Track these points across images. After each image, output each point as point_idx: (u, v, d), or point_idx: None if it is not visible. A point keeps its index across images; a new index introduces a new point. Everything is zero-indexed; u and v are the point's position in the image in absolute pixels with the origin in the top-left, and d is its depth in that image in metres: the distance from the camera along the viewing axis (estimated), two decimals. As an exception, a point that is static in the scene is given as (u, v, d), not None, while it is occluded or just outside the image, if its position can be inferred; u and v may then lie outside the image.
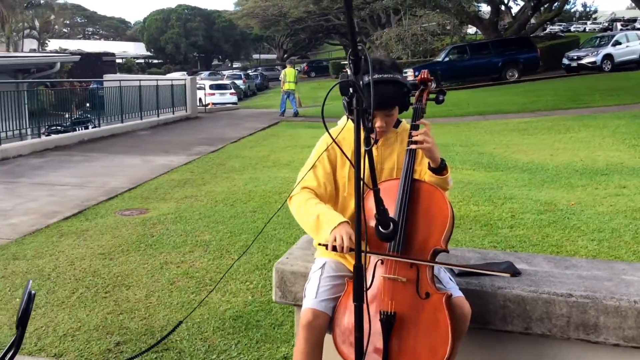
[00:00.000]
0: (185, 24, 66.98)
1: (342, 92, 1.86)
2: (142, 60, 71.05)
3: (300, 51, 74.20)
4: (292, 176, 8.11)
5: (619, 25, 52.98)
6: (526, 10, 31.52)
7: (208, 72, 56.47)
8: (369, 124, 1.84)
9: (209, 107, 25.20)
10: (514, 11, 35.38)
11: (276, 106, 28.12)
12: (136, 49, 76.56)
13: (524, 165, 9.29)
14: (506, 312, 2.57)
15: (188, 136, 14.89)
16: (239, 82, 42.45)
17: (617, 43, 26.86)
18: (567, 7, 58.41)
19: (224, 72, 58.06)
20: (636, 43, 26.97)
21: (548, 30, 45.72)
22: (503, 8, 33.94)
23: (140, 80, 17.13)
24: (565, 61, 27.51)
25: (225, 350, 3.45)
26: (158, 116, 17.30)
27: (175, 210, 6.79)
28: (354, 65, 1.78)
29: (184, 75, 34.86)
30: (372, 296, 2.37)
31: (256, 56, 78.92)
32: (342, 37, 59.47)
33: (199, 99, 27.10)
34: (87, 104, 18.27)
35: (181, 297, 4.21)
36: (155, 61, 71.03)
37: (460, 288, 2.56)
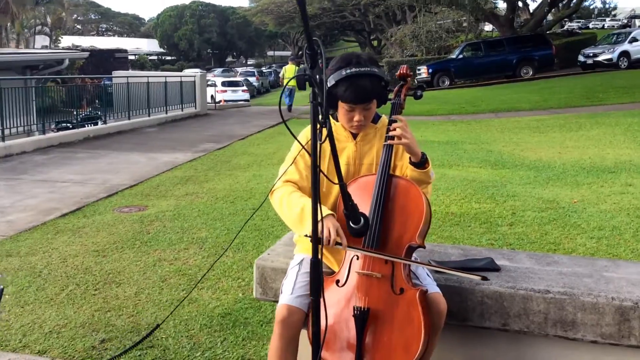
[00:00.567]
0: (199, 21, 67.32)
1: (299, 87, 1.86)
2: (156, 57, 71.42)
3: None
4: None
5: (638, 22, 52.44)
6: (543, 7, 31.29)
7: (221, 69, 56.67)
8: (324, 119, 1.84)
9: (221, 104, 25.30)
10: (532, 8, 35.17)
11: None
12: (149, 46, 76.93)
13: (531, 163, 9.24)
14: (484, 309, 2.57)
15: (196, 133, 14.96)
16: (252, 79, 42.53)
17: (634, 40, 26.61)
18: (586, 4, 57.86)
19: (238, 69, 58.24)
20: (654, 40, 26.72)
21: (566, 27, 45.37)
22: (520, 5, 33.73)
23: (148, 77, 17.22)
24: (581, 58, 27.29)
25: (210, 347, 3.47)
26: (166, 113, 17.39)
27: (174, 207, 6.83)
28: (311, 59, 1.78)
29: (199, 72, 35.02)
30: (347, 292, 2.38)
31: (270, 53, 79.14)
32: (358, 34, 59.40)
33: (211, 96, 27.23)
34: (97, 101, 18.43)
35: (171, 295, 4.24)
36: (168, 58, 71.38)
37: (438, 284, 2.55)
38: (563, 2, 32.46)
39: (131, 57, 57.67)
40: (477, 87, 25.62)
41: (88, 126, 15.26)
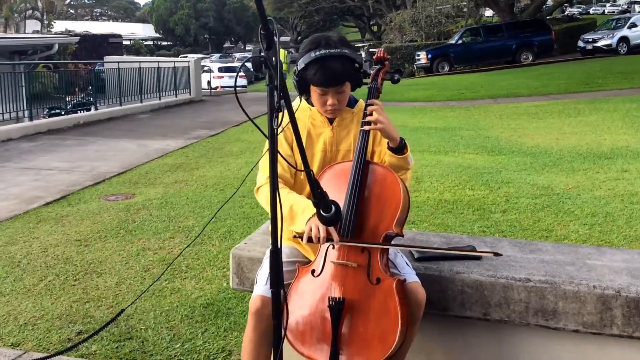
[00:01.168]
0: (195, 5, 66.86)
1: (255, 69, 1.81)
2: (151, 42, 71.08)
3: (313, 33, 73.67)
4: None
5: (638, 7, 52.22)
6: (543, -10, 31.11)
7: (219, 55, 56.32)
8: (278, 104, 1.80)
9: (217, 90, 25.20)
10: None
11: (289, 89, 28.07)
12: (145, 31, 76.57)
13: (528, 149, 9.20)
14: (464, 298, 2.54)
15: (189, 120, 14.89)
16: (249, 65, 42.27)
17: (634, 25, 26.52)
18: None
19: (236, 55, 57.91)
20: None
21: (566, 12, 45.15)
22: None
23: (140, 62, 17.13)
24: (580, 44, 27.20)
25: (190, 339, 3.44)
26: (159, 99, 17.31)
27: (162, 195, 6.79)
28: (266, 40, 1.73)
29: (200, 57, 34.86)
30: (323, 282, 2.34)
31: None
32: (358, 19, 59.08)
33: (208, 82, 27.14)
34: (89, 87, 18.35)
35: (154, 285, 4.20)
36: (164, 43, 71.03)
37: (418, 273, 2.52)
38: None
39: (126, 43, 57.38)
40: (477, 73, 25.52)
41: (80, 112, 15.21)
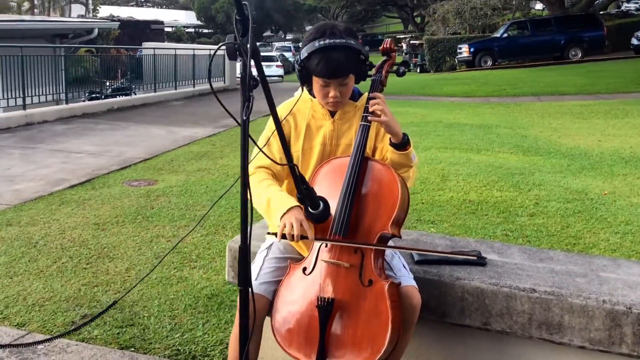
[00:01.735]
0: (237, -7, 66.97)
1: (230, 57, 1.75)
2: (193, 29, 71.71)
3: (356, 24, 73.30)
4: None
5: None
6: (597, -16, 30.29)
7: (258, 44, 56.35)
8: (248, 94, 1.74)
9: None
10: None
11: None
12: (187, 18, 77.30)
13: (567, 150, 8.96)
14: (464, 305, 2.45)
15: (220, 108, 14.92)
16: (288, 55, 42.31)
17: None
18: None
19: (275, 44, 58.02)
20: None
21: (622, 8, 43.90)
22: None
23: (176, 49, 17.27)
24: (634, 41, 26.32)
25: (191, 329, 3.43)
26: (194, 86, 17.44)
27: (183, 182, 6.82)
28: (241, 25, 1.68)
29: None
30: (313, 281, 2.28)
31: (309, 28, 78.69)
32: (401, 10, 58.55)
33: (243, 70, 27.09)
34: (128, 73, 18.62)
35: (162, 272, 4.21)
36: (205, 31, 71.59)
37: (417, 277, 2.45)
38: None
39: (168, 29, 58.03)
40: (521, 69, 25.00)
41: (118, 97, 15.43)
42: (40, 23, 18.93)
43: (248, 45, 1.69)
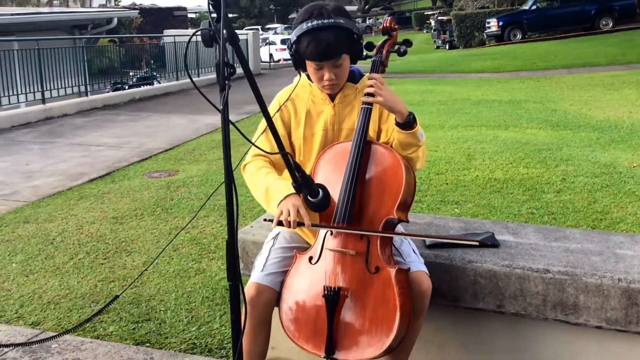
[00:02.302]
0: (261, -25, 67.01)
1: (205, 44, 1.74)
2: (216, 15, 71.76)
3: (383, 2, 72.72)
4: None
5: None
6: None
7: (284, 26, 56.35)
8: (223, 82, 1.72)
9: (279, 63, 25.33)
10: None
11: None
12: (211, 3, 77.36)
13: (597, 123, 8.79)
14: (477, 288, 2.43)
15: (244, 94, 14.84)
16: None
17: None
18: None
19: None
20: None
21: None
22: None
23: (197, 35, 17.25)
24: (669, 7, 25.66)
25: (208, 322, 3.46)
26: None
27: (204, 172, 6.85)
28: (216, 10, 1.66)
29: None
30: (320, 270, 2.28)
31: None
32: (427, -15, 57.81)
33: (270, 55, 27.22)
34: (152, 62, 18.75)
35: (180, 265, 4.25)
36: (229, 15, 71.56)
37: (428, 261, 2.43)
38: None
39: (191, 15, 58.22)
40: (551, 41, 24.53)
41: (142, 87, 15.56)
42: (58, 15, 19.13)
43: (224, 31, 1.66)
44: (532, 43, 24.58)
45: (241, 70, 1.95)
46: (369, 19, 66.09)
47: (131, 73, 17.32)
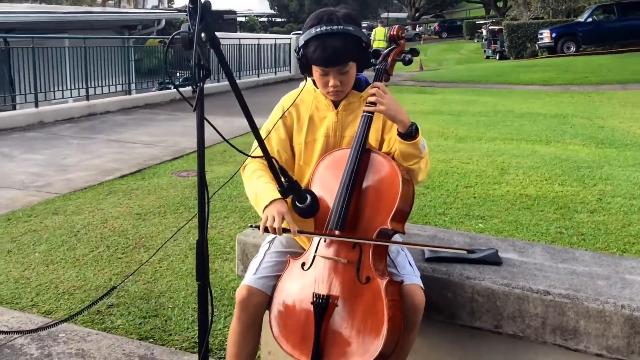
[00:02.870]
0: (310, -19, 67.37)
1: (185, 47, 1.74)
2: (266, 18, 72.54)
3: (434, 9, 72.29)
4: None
5: None
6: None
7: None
8: (195, 86, 1.73)
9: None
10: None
11: (395, 69, 27.81)
12: (261, 7, 78.36)
13: (644, 142, 8.56)
14: (474, 306, 2.38)
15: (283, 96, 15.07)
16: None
17: None
18: None
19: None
20: None
21: None
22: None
23: (240, 38, 17.52)
24: None
25: (213, 322, 3.46)
26: (258, 76, 17.67)
27: (231, 173, 6.86)
28: (196, 13, 1.67)
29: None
30: (311, 277, 2.27)
31: (384, 15, 78.02)
32: (483, -6, 57.23)
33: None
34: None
35: (193, 264, 4.19)
36: (278, 20, 72.24)
37: (425, 275, 2.40)
38: None
39: (241, 19, 58.98)
40: (607, 55, 23.99)
41: (185, 88, 15.80)
42: (108, 15, 19.59)
43: (211, 34, 1.67)
44: (586, 56, 24.08)
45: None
46: (419, 27, 65.75)
47: (178, 74, 17.61)
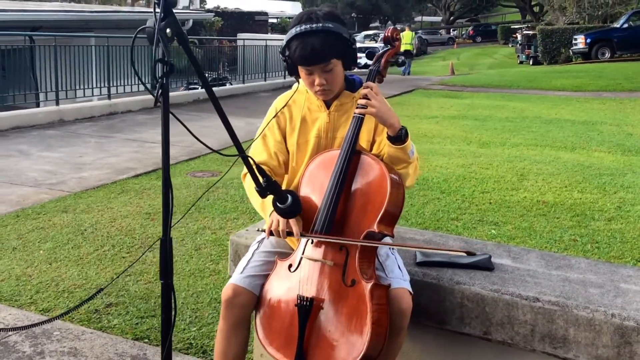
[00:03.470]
0: (343, -18, 67.46)
1: (151, 42, 1.75)
2: (297, 20, 72.79)
3: (469, 13, 71.85)
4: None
5: None
6: None
7: (363, 34, 56.69)
8: (160, 83, 1.73)
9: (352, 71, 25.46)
10: None
11: (426, 73, 27.75)
12: (293, 9, 78.70)
13: (673, 150, 8.39)
14: (464, 312, 2.35)
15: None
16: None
17: None
18: None
19: (381, 34, 57.85)
20: None
21: None
22: None
23: (266, 39, 17.61)
24: None
25: (210, 323, 3.48)
26: (284, 78, 17.70)
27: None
28: (162, 9, 1.66)
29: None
30: (297, 278, 2.26)
31: (418, 18, 77.78)
32: (519, -2, 56.72)
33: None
34: (226, 63, 19.22)
35: (197, 265, 4.30)
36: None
37: (415, 279, 2.38)
38: None
39: (272, 20, 59.32)
40: (643, 61, 23.61)
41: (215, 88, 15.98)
42: (133, 14, 19.82)
43: (178, 29, 1.67)
44: (621, 63, 23.72)
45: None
46: (453, 31, 65.39)
47: (206, 74, 17.75)
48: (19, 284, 3.95)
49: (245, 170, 2.50)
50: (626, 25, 25.14)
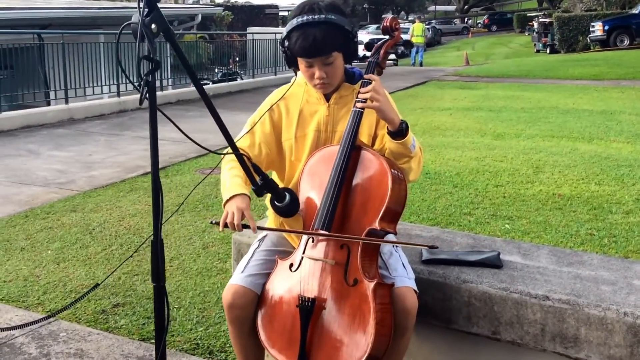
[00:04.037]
0: (355, -27, 67.19)
1: (136, 37, 1.73)
2: (309, 13, 72.58)
3: (483, 1, 71.46)
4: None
5: None
6: None
7: (375, 26, 56.49)
8: (145, 78, 1.71)
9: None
10: None
11: (440, 64, 27.64)
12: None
13: (693, 140, 8.27)
14: (471, 311, 2.32)
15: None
16: (406, 37, 41.98)
17: None
18: None
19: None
20: None
21: None
22: None
23: (275, 33, 17.55)
24: None
25: (217, 323, 3.47)
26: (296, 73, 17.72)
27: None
28: (147, 4, 1.64)
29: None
30: (298, 278, 2.24)
31: (432, 8, 77.33)
32: (533, -15, 56.30)
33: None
34: (237, 58, 19.20)
35: (204, 264, 4.30)
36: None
37: (421, 278, 2.35)
38: None
39: (283, 14, 59.22)
40: (664, 48, 23.35)
41: (215, 84, 15.99)
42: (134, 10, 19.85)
43: (154, 25, 1.65)
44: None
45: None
46: (468, 20, 64.98)
47: (216, 69, 17.80)
48: (27, 285, 3.97)
49: (227, 157, 2.47)
50: (645, 11, 24.87)
